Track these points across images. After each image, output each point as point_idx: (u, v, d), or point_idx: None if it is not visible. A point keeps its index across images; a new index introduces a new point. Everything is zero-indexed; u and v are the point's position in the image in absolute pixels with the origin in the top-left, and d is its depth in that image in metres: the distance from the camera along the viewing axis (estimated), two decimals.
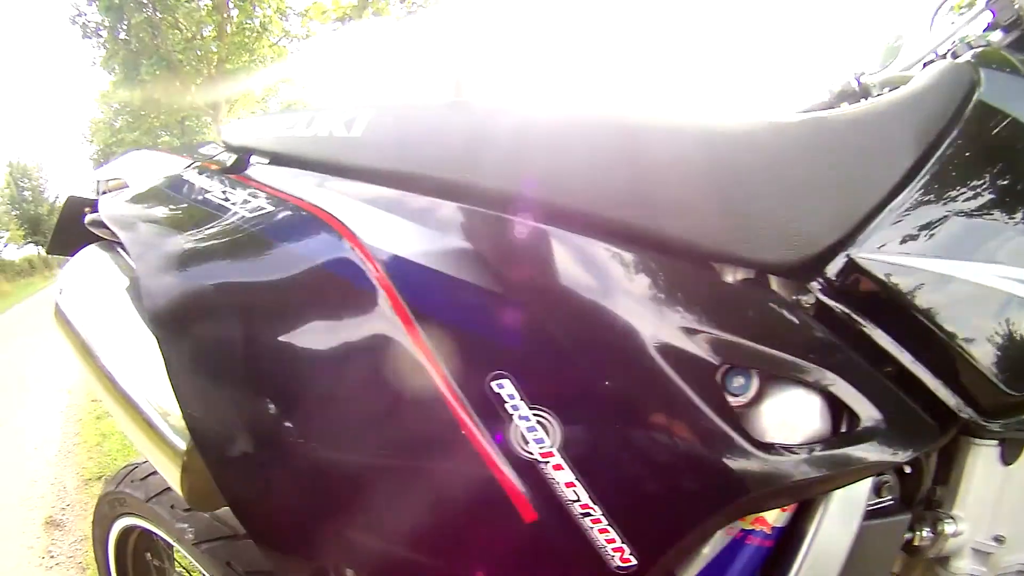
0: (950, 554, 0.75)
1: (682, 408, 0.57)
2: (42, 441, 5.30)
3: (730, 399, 0.60)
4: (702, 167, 0.65)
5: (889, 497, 0.72)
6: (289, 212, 0.76)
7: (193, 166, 1.01)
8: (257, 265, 0.75)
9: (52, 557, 3.44)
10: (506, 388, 0.58)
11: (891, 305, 0.60)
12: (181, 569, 1.47)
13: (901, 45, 1.32)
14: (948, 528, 0.71)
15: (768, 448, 0.57)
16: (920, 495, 0.73)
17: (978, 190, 0.62)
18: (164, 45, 16.34)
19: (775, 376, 0.61)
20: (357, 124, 0.77)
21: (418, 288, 0.63)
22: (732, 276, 0.63)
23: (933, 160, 0.62)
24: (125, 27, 17.14)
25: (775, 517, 0.68)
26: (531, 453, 0.58)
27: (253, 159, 0.94)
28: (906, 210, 0.61)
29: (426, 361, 0.60)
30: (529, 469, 0.58)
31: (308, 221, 0.73)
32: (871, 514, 0.67)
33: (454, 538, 0.64)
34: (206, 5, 17.47)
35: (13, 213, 46.06)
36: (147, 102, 18.84)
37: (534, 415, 0.58)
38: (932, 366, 0.61)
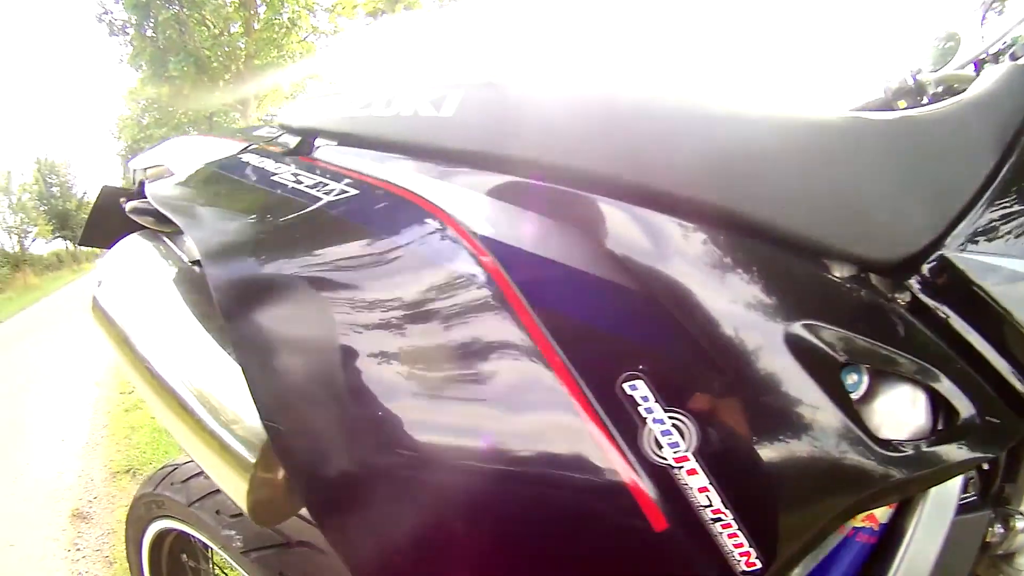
0: (1017, 551, 0.75)
1: (811, 406, 0.56)
2: (69, 433, 5.30)
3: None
4: (818, 162, 0.64)
5: (973, 493, 0.73)
6: (380, 196, 0.72)
7: (250, 149, 0.95)
8: (351, 253, 0.69)
9: (78, 550, 3.41)
10: (639, 390, 0.55)
11: (978, 302, 0.59)
12: (218, 570, 1.44)
13: (956, 45, 1.32)
14: (1019, 524, 0.73)
15: (886, 445, 0.57)
16: (993, 492, 0.74)
17: None
18: (192, 42, 16.45)
19: (883, 372, 0.60)
20: (447, 103, 0.73)
21: (535, 280, 0.60)
22: (840, 272, 0.62)
23: (1012, 160, 0.63)
24: (152, 24, 17.27)
25: (882, 514, 0.69)
26: (664, 458, 0.55)
27: (318, 141, 0.89)
28: (991, 209, 0.61)
29: (549, 361, 0.56)
30: (662, 475, 0.55)
31: (403, 206, 0.69)
32: (958, 510, 0.68)
33: (577, 553, 0.59)
34: (233, 2, 17.57)
35: (41, 208, 46.71)
36: (175, 98, 19.04)
37: (669, 418, 0.55)
38: (1014, 362, 0.60)
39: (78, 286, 24.73)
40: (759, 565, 0.55)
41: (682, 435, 0.54)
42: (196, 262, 0.94)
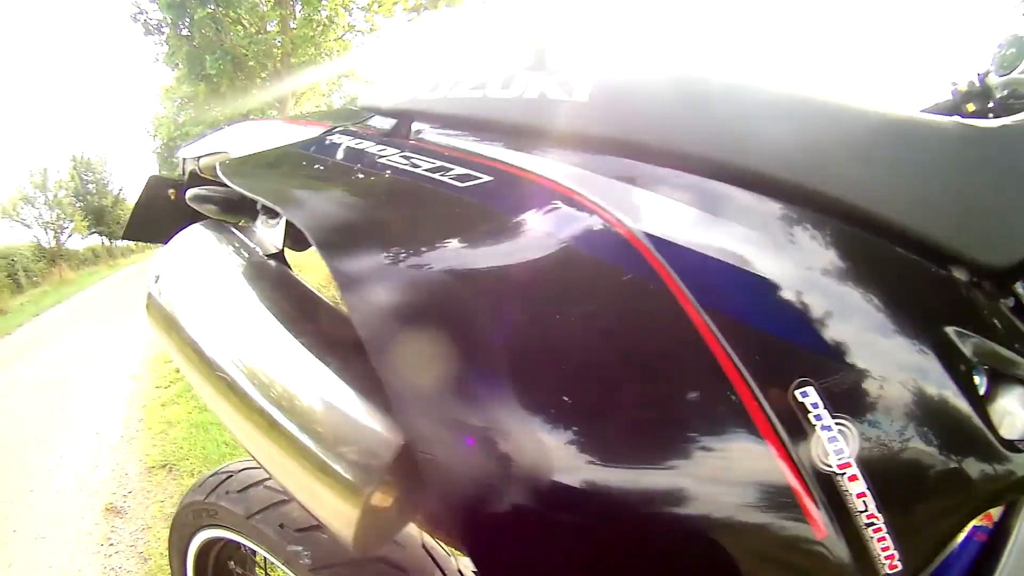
0: None
1: (951, 407, 0.56)
2: (104, 426, 5.32)
3: None
4: (946, 164, 0.64)
5: None
6: (519, 184, 0.68)
7: (337, 131, 0.89)
8: (500, 246, 0.64)
9: (111, 545, 3.36)
10: (810, 396, 0.54)
11: None
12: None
13: (1020, 51, 1.35)
14: None
15: (1009, 445, 0.57)
16: None
17: None
18: (228, 40, 16.59)
19: (1001, 374, 0.60)
20: (578, 87, 0.70)
21: (704, 281, 0.58)
22: (960, 275, 0.62)
23: None
24: (187, 23, 17.48)
25: (996, 512, 0.71)
26: (829, 465, 0.54)
27: (416, 124, 0.84)
28: None
29: (724, 367, 0.55)
30: (826, 483, 0.54)
31: (549, 195, 0.65)
32: None
33: (741, 562, 0.57)
34: (268, 0, 17.72)
35: (77, 205, 47.35)
36: (211, 96, 19.25)
37: (836, 424, 0.54)
38: None
39: (113, 281, 25.45)
40: (900, 567, 0.55)
41: (846, 441, 0.54)
42: (274, 255, 0.88)
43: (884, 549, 0.55)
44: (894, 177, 0.63)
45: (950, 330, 0.58)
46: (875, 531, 0.55)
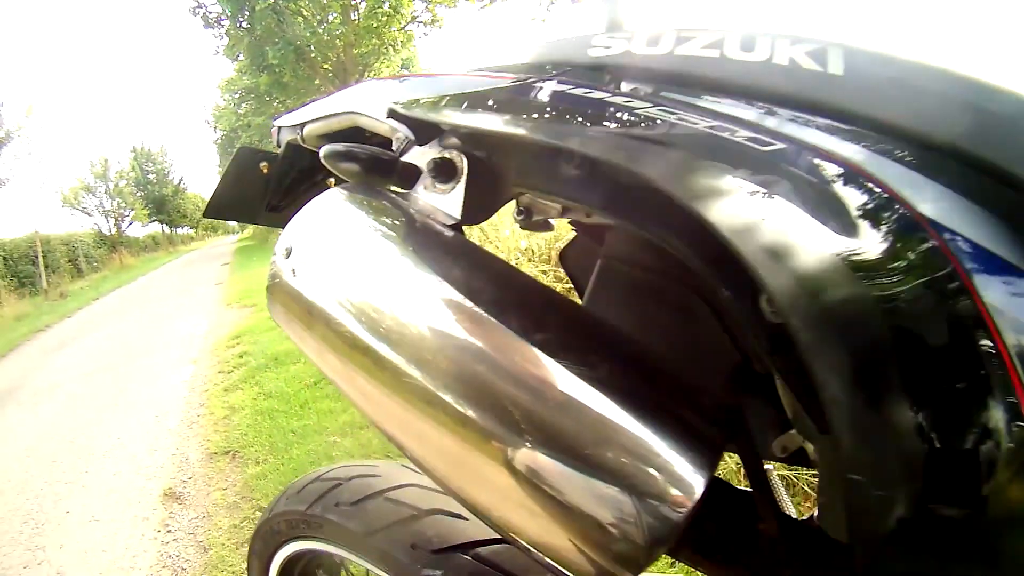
0: None
1: None
2: (163, 410, 5.29)
3: None
4: None
5: None
6: (805, 155, 0.60)
7: (551, 79, 0.75)
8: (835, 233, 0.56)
9: (169, 532, 3.28)
10: None
11: None
12: None
13: None
14: None
15: None
16: None
17: None
18: (290, 32, 16.78)
19: None
20: (831, 59, 0.65)
21: (999, 286, 0.52)
22: None
23: None
24: (247, 16, 17.75)
25: None
26: None
27: (631, 82, 0.73)
28: None
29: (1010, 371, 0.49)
30: None
31: (838, 170, 0.58)
32: None
33: None
34: None
35: (138, 194, 49.57)
36: (274, 87, 19.55)
37: None
38: None
39: (172, 267, 26.15)
40: None
41: None
42: (453, 225, 0.77)
43: None
44: None
45: None
46: None
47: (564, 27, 0.84)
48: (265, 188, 1.20)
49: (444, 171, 0.77)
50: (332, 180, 1.26)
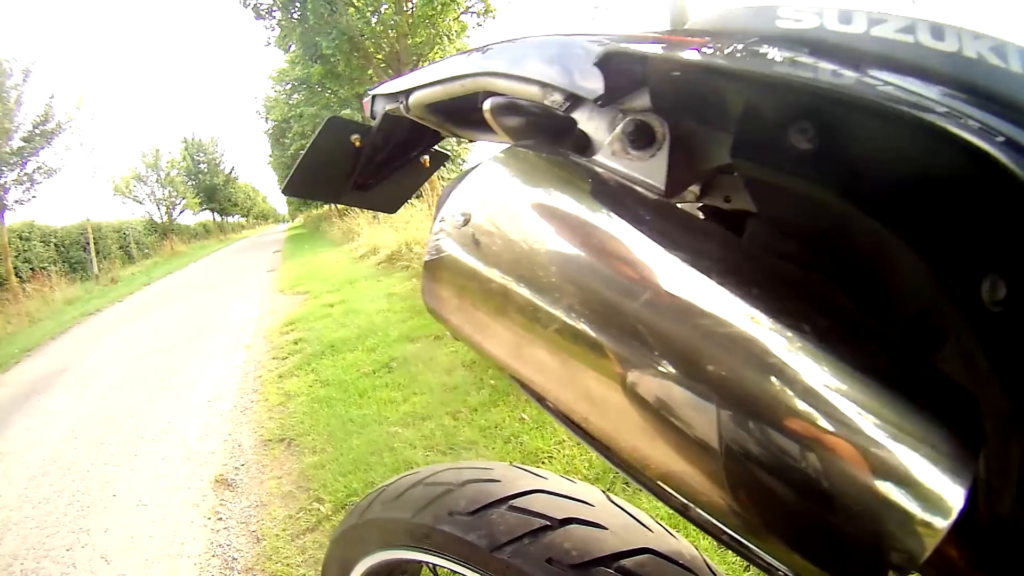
0: None
1: None
2: (216, 395, 5.25)
3: None
4: None
5: None
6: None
7: (754, 42, 0.67)
8: None
9: (220, 520, 3.18)
10: None
11: None
12: None
13: None
14: None
15: None
16: None
17: None
18: (343, 21, 16.88)
19: None
20: (1013, 58, 0.59)
21: None
22: None
23: None
24: (299, 6, 17.97)
25: None
26: None
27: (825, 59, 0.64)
28: None
29: None
30: None
31: None
32: None
33: None
34: None
35: (189, 183, 51.58)
36: (326, 77, 19.74)
37: None
38: None
39: (223, 253, 26.88)
40: None
41: None
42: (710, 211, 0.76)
43: None
44: None
45: None
46: None
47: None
48: (354, 164, 1.15)
49: (641, 137, 0.70)
50: (426, 158, 1.23)
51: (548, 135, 0.75)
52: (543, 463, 2.89)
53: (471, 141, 1.09)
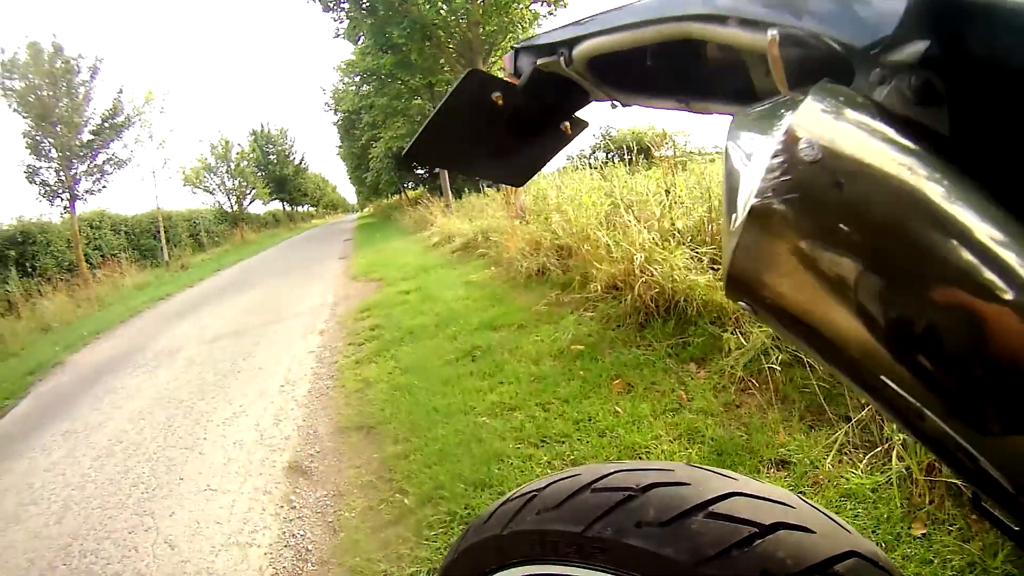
0: None
1: None
2: (290, 380, 5.18)
3: None
4: None
5: None
6: None
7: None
8: None
9: (293, 508, 3.06)
10: None
11: None
12: None
13: None
14: None
15: None
16: None
17: None
18: (414, 10, 16.94)
19: None
20: None
21: None
22: None
23: None
24: None
25: None
26: None
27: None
28: None
29: None
30: None
31: None
32: None
33: None
34: None
35: (259, 174, 52.86)
36: (398, 66, 19.85)
37: None
38: None
39: (293, 242, 27.52)
40: None
41: None
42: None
43: None
44: None
45: None
46: None
47: None
48: (491, 127, 1.04)
49: (927, 93, 0.62)
50: (567, 124, 1.09)
51: (840, 79, 0.66)
52: (641, 459, 2.62)
53: (625, 105, 0.98)
